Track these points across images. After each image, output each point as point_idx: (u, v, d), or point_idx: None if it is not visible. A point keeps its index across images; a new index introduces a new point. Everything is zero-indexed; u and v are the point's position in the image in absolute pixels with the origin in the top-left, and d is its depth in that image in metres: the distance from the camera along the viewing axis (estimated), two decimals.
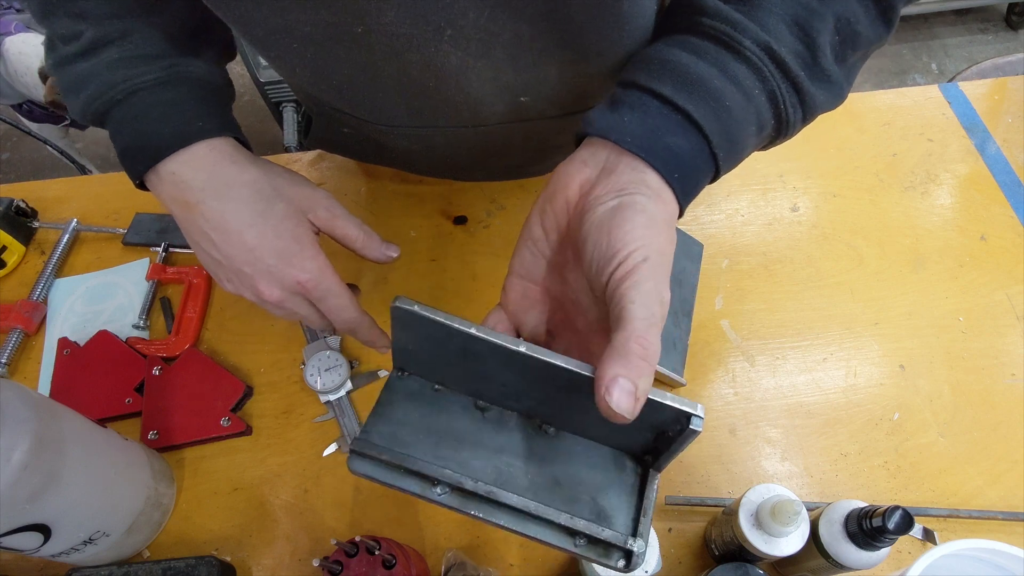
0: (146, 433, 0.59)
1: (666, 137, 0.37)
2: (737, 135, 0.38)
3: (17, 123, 1.35)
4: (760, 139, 0.41)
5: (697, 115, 0.37)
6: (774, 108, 0.39)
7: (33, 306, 0.67)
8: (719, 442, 0.60)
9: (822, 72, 0.40)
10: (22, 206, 0.72)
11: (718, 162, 0.38)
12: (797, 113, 0.40)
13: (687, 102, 0.37)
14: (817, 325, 0.66)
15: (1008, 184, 0.74)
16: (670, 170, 0.36)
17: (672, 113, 0.38)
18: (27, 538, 0.46)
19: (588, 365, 0.33)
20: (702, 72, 0.37)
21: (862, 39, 0.41)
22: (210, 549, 0.56)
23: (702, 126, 0.37)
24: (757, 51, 0.38)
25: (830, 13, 0.39)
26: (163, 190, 0.47)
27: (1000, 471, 0.58)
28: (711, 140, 0.37)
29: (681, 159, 0.37)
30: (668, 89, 0.37)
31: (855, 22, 0.40)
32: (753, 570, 0.47)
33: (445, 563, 0.53)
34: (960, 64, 2.28)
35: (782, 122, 0.40)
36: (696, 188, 0.39)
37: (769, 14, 0.38)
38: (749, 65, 0.38)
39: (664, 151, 0.37)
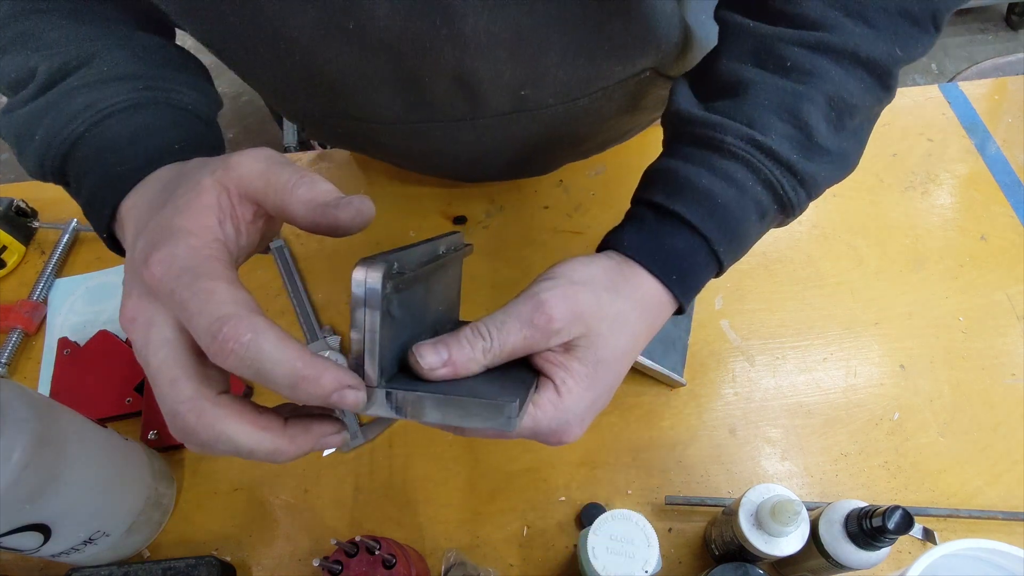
0: (146, 433, 0.59)
1: (663, 240, 0.39)
2: (736, 227, 0.40)
3: None
4: (765, 224, 0.42)
5: (690, 216, 0.39)
6: (772, 194, 0.40)
7: (33, 306, 0.67)
8: (719, 442, 0.60)
9: (820, 149, 0.40)
10: (22, 206, 0.72)
11: (720, 257, 0.40)
12: (799, 194, 0.41)
13: (678, 205, 0.39)
14: (817, 325, 0.66)
15: (1008, 184, 0.74)
16: (667, 272, 0.39)
17: (666, 218, 0.40)
18: (27, 538, 0.46)
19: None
20: (690, 175, 0.39)
21: (860, 109, 0.41)
22: (210, 549, 0.56)
23: (696, 226, 0.39)
24: (742, 144, 0.39)
25: (819, 93, 0.40)
26: (124, 239, 0.34)
27: (1000, 471, 0.58)
28: (708, 238, 0.39)
29: (679, 260, 0.39)
30: (660, 196, 0.40)
31: (849, 96, 0.40)
32: (753, 570, 0.47)
33: (445, 563, 0.53)
34: (960, 64, 2.27)
35: (785, 204, 0.41)
36: (698, 283, 0.41)
37: (755, 107, 0.40)
38: (737, 160, 0.39)
39: (661, 255, 0.39)
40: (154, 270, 0.27)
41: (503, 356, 0.34)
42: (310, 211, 0.29)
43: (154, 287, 0.27)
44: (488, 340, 0.33)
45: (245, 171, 0.30)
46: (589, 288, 0.36)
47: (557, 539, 0.56)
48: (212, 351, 0.26)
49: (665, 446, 0.60)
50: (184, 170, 0.32)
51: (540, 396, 0.34)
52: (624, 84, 0.53)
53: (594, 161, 0.76)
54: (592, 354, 0.35)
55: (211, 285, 0.26)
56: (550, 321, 0.34)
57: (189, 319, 0.26)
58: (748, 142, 0.39)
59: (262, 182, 0.30)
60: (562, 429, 0.35)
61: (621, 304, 0.37)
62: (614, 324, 0.36)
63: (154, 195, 0.33)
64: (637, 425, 0.61)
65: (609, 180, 0.75)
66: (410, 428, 0.61)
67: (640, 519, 0.45)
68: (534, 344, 0.34)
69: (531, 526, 0.56)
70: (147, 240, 0.29)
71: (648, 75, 0.53)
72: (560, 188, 0.75)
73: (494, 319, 0.34)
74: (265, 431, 0.29)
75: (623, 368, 0.37)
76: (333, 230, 0.30)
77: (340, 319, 0.67)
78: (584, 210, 0.73)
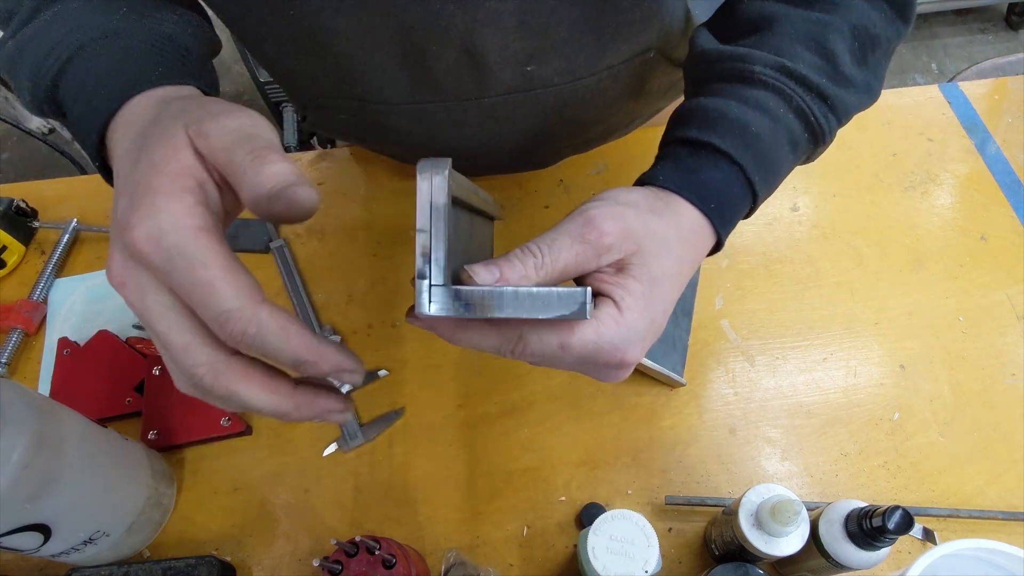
0: (146, 433, 0.59)
1: (700, 173, 0.39)
2: (770, 157, 0.40)
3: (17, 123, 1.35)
4: (798, 153, 0.42)
5: (724, 146, 0.39)
6: (804, 121, 0.41)
7: (33, 306, 0.67)
8: (719, 442, 0.60)
9: (845, 79, 0.41)
10: (22, 206, 0.72)
11: (755, 187, 0.40)
12: (830, 120, 0.41)
13: (712, 137, 0.39)
14: (817, 325, 0.66)
15: (1008, 184, 0.74)
16: (706, 201, 0.38)
17: (701, 151, 0.40)
18: (27, 538, 0.46)
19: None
20: (721, 107, 0.39)
21: (882, 39, 0.42)
22: (210, 549, 0.56)
23: (732, 156, 0.39)
24: (771, 73, 0.39)
25: (845, 23, 0.41)
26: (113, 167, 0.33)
27: (1000, 471, 0.58)
28: (744, 167, 0.39)
29: (716, 190, 0.39)
30: (694, 132, 0.40)
31: (872, 26, 0.41)
32: (753, 570, 0.47)
33: (445, 563, 0.53)
34: (960, 64, 2.27)
35: (816, 132, 0.41)
36: (735, 215, 0.41)
37: (782, 38, 0.40)
38: (768, 88, 0.40)
39: (698, 185, 0.39)
40: (141, 245, 0.26)
41: (555, 274, 0.33)
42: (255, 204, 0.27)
43: (142, 259, 0.27)
44: (539, 257, 0.32)
45: (213, 142, 0.28)
46: (634, 209, 0.35)
47: (557, 539, 0.56)
48: (221, 336, 0.27)
49: (665, 446, 0.60)
50: (160, 116, 0.30)
51: (601, 312, 0.33)
52: (629, 65, 0.52)
53: (595, 160, 0.76)
54: (646, 272, 0.34)
55: (208, 276, 0.26)
56: (601, 236, 0.33)
57: (191, 304, 0.27)
58: (778, 70, 0.39)
59: (224, 158, 0.28)
60: (624, 347, 0.33)
61: (665, 228, 0.36)
62: (662, 245, 0.35)
63: (132, 141, 0.31)
64: (637, 425, 0.61)
65: (610, 179, 0.75)
66: (410, 428, 0.61)
67: (640, 519, 0.45)
68: (586, 262, 0.33)
69: (531, 526, 0.56)
70: (127, 200, 0.27)
71: (653, 56, 0.53)
72: (561, 187, 0.75)
73: (544, 238, 0.33)
74: (274, 394, 0.29)
75: (674, 292, 0.36)
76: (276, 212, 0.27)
77: (340, 319, 0.67)
78: None
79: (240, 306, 0.26)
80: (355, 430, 0.60)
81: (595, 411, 0.61)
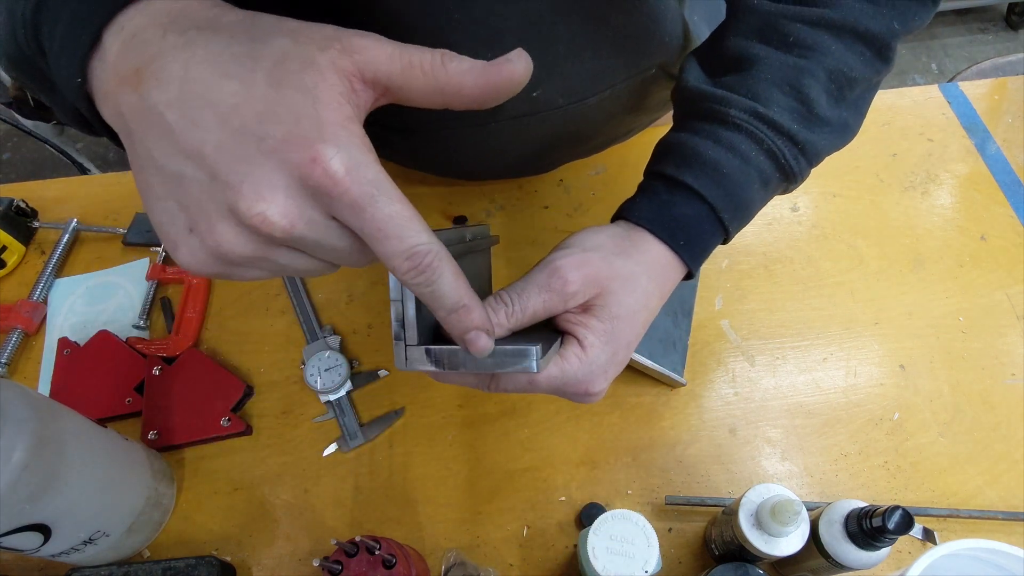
0: (146, 433, 0.59)
1: (672, 209, 0.42)
2: (740, 196, 0.43)
3: (17, 123, 1.35)
4: (769, 191, 0.45)
5: (696, 185, 0.42)
6: (775, 163, 0.43)
7: (33, 306, 0.67)
8: (719, 442, 0.60)
9: (820, 120, 0.43)
10: (22, 206, 0.72)
11: (725, 223, 0.43)
12: (800, 162, 0.43)
13: (686, 176, 0.42)
14: (817, 325, 0.66)
15: (1008, 184, 0.74)
16: (675, 237, 0.42)
17: (675, 188, 0.43)
18: (27, 538, 0.46)
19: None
20: (697, 147, 0.42)
21: (860, 80, 0.44)
22: (210, 549, 0.56)
23: (704, 195, 0.42)
24: (745, 117, 0.42)
25: (821, 68, 0.42)
26: (108, 75, 0.28)
27: (1000, 471, 0.58)
28: (715, 205, 0.42)
29: (687, 226, 0.42)
30: (670, 169, 0.43)
31: (849, 70, 0.43)
32: (753, 570, 0.47)
33: (445, 563, 0.53)
34: (960, 64, 2.27)
35: (787, 172, 0.43)
36: (706, 249, 0.44)
37: (759, 82, 0.42)
38: (741, 131, 0.42)
39: (669, 221, 0.42)
40: (341, 177, 0.25)
41: (526, 319, 0.37)
42: (479, 78, 0.28)
43: (329, 191, 0.25)
44: (510, 306, 0.36)
45: (372, 55, 0.27)
46: (600, 253, 0.39)
47: (557, 539, 0.56)
48: (401, 268, 0.27)
49: (665, 446, 0.60)
50: (266, 30, 0.27)
51: (566, 350, 0.38)
52: (631, 83, 0.53)
53: (595, 160, 0.76)
54: (608, 312, 0.38)
55: (407, 210, 0.27)
56: (566, 284, 0.37)
57: (372, 237, 0.26)
58: (751, 114, 0.41)
59: (402, 63, 0.28)
60: (588, 379, 0.38)
61: (632, 267, 0.40)
62: (626, 283, 0.39)
63: (213, 50, 0.26)
64: (637, 425, 0.61)
65: (609, 179, 0.75)
66: (410, 428, 0.61)
67: (640, 519, 0.45)
68: (553, 307, 0.37)
69: (531, 526, 0.56)
70: (289, 124, 0.25)
71: (654, 73, 0.53)
72: (560, 188, 0.75)
73: (515, 287, 0.38)
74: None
75: (639, 326, 0.40)
76: (503, 91, 0.29)
77: (340, 319, 0.67)
78: (584, 209, 0.73)
79: (429, 240, 0.27)
80: (355, 430, 0.60)
81: (595, 411, 0.61)
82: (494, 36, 0.43)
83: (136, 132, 0.27)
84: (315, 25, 0.28)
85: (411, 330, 0.34)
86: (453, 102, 0.29)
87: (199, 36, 0.26)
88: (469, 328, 0.31)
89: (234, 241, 0.26)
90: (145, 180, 0.28)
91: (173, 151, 0.26)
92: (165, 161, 0.26)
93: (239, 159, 0.25)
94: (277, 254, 0.28)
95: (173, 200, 0.27)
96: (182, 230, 0.27)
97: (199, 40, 0.26)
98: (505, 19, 0.42)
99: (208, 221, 0.26)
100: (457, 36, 0.42)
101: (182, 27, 0.27)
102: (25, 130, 1.35)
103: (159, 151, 0.26)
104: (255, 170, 0.25)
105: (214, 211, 0.26)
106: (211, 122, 0.25)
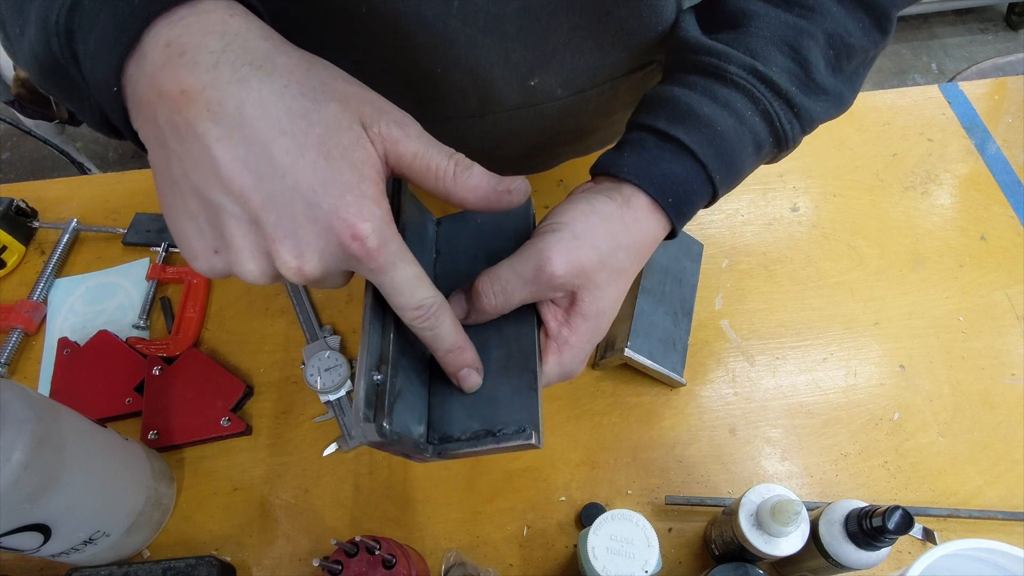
0: (146, 433, 0.59)
1: (660, 164, 0.41)
2: (732, 156, 0.41)
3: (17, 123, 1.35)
4: (760, 156, 0.43)
5: (689, 141, 0.40)
6: (769, 125, 0.41)
7: (33, 306, 0.67)
8: (719, 442, 0.60)
9: (817, 86, 0.42)
10: (22, 206, 0.72)
11: (715, 184, 0.41)
12: (794, 127, 0.42)
13: (679, 131, 0.40)
14: (817, 325, 0.66)
15: (1008, 184, 0.74)
16: (663, 194, 0.40)
17: (666, 143, 0.41)
18: (27, 538, 0.46)
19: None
20: (692, 102, 0.41)
21: (857, 49, 0.43)
22: (210, 549, 0.56)
23: (695, 151, 0.40)
24: (744, 75, 0.40)
25: (820, 30, 0.41)
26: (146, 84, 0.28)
27: (1000, 471, 0.58)
28: (705, 164, 0.41)
29: (675, 183, 0.41)
30: (662, 123, 0.41)
31: (848, 35, 0.42)
32: (753, 570, 0.47)
33: (445, 563, 0.53)
34: (960, 64, 2.27)
35: (780, 137, 0.42)
36: (691, 209, 0.42)
37: (757, 39, 0.41)
38: (738, 89, 0.41)
39: (658, 177, 0.40)
40: (371, 243, 0.29)
41: (510, 309, 0.38)
42: (480, 198, 0.34)
43: (357, 253, 0.29)
44: (494, 298, 0.38)
45: (402, 149, 0.31)
46: (590, 242, 0.38)
47: (557, 539, 0.56)
48: (412, 316, 0.33)
49: (665, 446, 0.60)
50: (318, 88, 0.29)
51: (547, 357, 0.39)
52: (631, 77, 0.53)
53: (594, 160, 0.76)
54: (593, 307, 0.39)
55: (414, 273, 0.32)
56: (553, 278, 0.37)
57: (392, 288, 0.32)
58: (750, 72, 0.40)
59: (421, 165, 0.32)
60: (570, 374, 0.40)
61: (620, 254, 0.39)
62: (611, 274, 0.39)
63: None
64: (637, 425, 0.61)
65: None
66: None
67: (640, 519, 0.45)
68: (538, 294, 0.38)
69: (531, 526, 0.56)
70: (336, 197, 0.28)
71: (654, 67, 0.53)
72: (560, 188, 0.75)
73: (501, 276, 0.37)
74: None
75: (617, 307, 0.41)
76: (498, 211, 0.35)
77: (340, 319, 0.67)
78: None
79: (434, 295, 0.33)
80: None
81: (595, 411, 0.61)
82: (492, 23, 0.42)
83: (175, 150, 0.28)
84: (363, 91, 0.31)
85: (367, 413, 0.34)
86: (455, 205, 0.34)
87: (253, 75, 0.27)
88: (462, 366, 0.36)
89: (256, 275, 0.30)
90: (174, 193, 0.29)
91: (214, 183, 0.28)
92: (204, 189, 0.28)
93: (286, 217, 0.28)
94: (282, 282, 0.31)
95: (205, 221, 0.29)
96: (207, 248, 0.30)
97: (254, 81, 0.27)
98: (504, 6, 0.42)
99: (238, 255, 0.29)
100: (455, 23, 0.41)
101: (237, 60, 0.27)
102: (25, 130, 1.35)
103: (199, 177, 0.28)
104: (299, 231, 0.29)
105: (247, 249, 0.29)
106: (264, 172, 0.27)
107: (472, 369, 0.37)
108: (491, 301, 0.37)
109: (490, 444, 0.36)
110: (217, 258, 0.30)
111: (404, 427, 0.35)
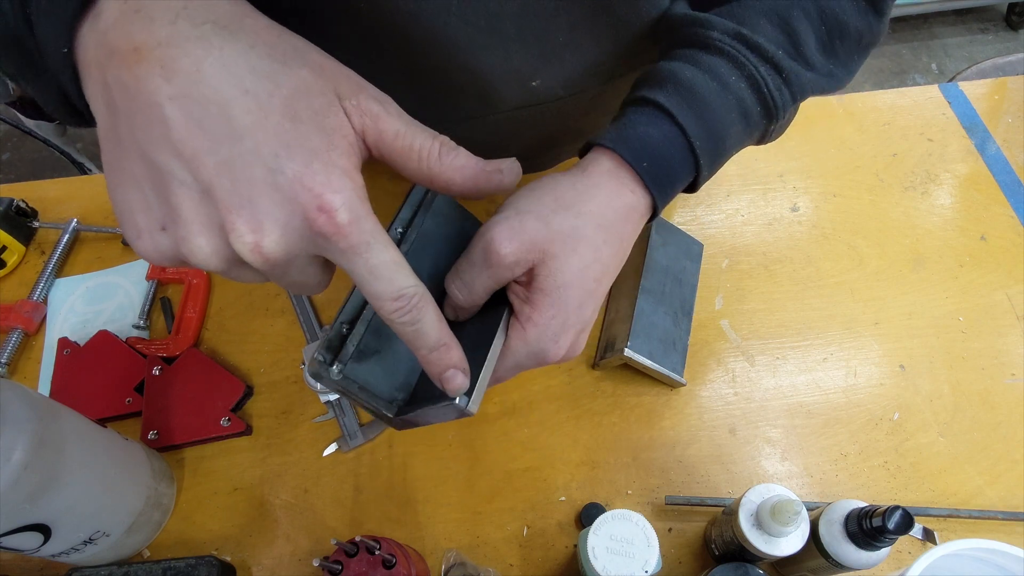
0: (146, 433, 0.59)
1: (636, 128, 0.39)
2: (715, 122, 0.39)
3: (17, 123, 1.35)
4: (749, 127, 0.41)
5: (668, 104, 0.38)
6: (756, 92, 0.40)
7: (33, 306, 0.67)
8: (719, 442, 0.60)
9: (806, 62, 0.41)
10: (22, 206, 0.72)
11: (696, 151, 0.39)
12: (783, 93, 0.40)
13: (657, 95, 0.39)
14: (817, 325, 0.66)
15: (1008, 184, 0.74)
16: (638, 158, 0.38)
17: (643, 107, 0.39)
18: (27, 538, 0.46)
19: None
20: (674, 69, 0.39)
21: (851, 29, 0.42)
22: (210, 549, 0.56)
23: (673, 114, 0.38)
24: (727, 40, 0.39)
25: (813, 4, 0.40)
26: (97, 43, 0.25)
27: (1000, 471, 0.58)
28: (684, 127, 0.38)
29: (651, 146, 0.38)
30: (644, 90, 0.40)
31: (841, 12, 0.41)
32: (753, 570, 0.47)
33: (445, 563, 0.53)
34: (960, 64, 2.27)
35: (769, 105, 0.40)
36: (673, 178, 0.40)
37: (746, 9, 0.40)
38: (722, 54, 0.39)
39: (634, 140, 0.38)
40: (340, 218, 0.25)
41: (480, 300, 0.37)
42: (468, 179, 0.30)
43: (327, 231, 0.26)
44: (461, 295, 0.36)
45: (382, 126, 0.28)
46: (534, 214, 0.36)
47: (557, 539, 0.56)
48: (390, 308, 0.28)
49: (665, 446, 0.60)
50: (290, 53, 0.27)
51: (511, 334, 0.37)
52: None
53: None
54: (552, 280, 0.36)
55: (391, 256, 0.28)
56: (502, 259, 0.35)
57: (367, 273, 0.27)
58: (734, 37, 0.39)
59: (403, 144, 0.29)
60: (541, 353, 0.37)
61: (572, 220, 0.37)
62: (566, 243, 0.36)
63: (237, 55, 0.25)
64: (637, 425, 0.61)
65: None
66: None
67: (640, 519, 0.45)
68: (500, 278, 0.36)
69: (531, 526, 0.56)
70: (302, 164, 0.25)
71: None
72: None
73: (461, 270, 0.36)
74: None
75: (590, 283, 0.37)
76: (488, 193, 0.31)
77: None
78: None
79: (416, 284, 0.29)
80: (355, 430, 0.60)
81: (595, 411, 0.61)
82: (492, 22, 0.42)
83: (122, 110, 0.25)
84: (341, 67, 0.29)
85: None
86: (440, 189, 0.31)
87: (215, 34, 0.25)
88: (448, 367, 0.31)
89: (207, 253, 0.26)
90: (119, 158, 0.26)
91: (163, 146, 0.25)
92: (152, 152, 0.25)
93: (243, 183, 0.25)
94: (239, 271, 0.28)
95: (151, 190, 0.26)
96: (152, 223, 0.26)
97: (215, 39, 0.25)
98: (504, 5, 0.42)
99: (187, 229, 0.25)
100: (455, 21, 0.41)
101: (198, 17, 0.25)
102: (25, 130, 1.35)
103: (146, 139, 0.25)
104: (257, 199, 0.25)
105: (197, 223, 0.25)
106: (220, 134, 0.24)
107: (458, 371, 0.32)
108: (459, 297, 0.36)
109: (427, 406, 0.34)
110: (163, 236, 0.26)
111: (367, 382, 0.34)
